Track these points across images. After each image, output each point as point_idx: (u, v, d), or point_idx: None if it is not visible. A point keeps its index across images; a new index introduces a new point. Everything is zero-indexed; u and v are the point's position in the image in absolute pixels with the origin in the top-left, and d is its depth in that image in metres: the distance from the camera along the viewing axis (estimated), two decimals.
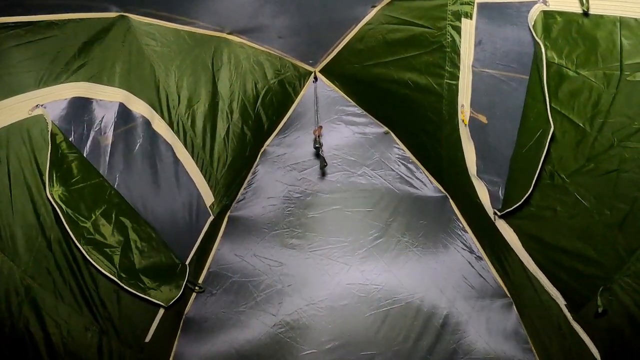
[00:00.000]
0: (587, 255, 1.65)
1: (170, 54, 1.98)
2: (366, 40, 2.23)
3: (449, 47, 1.79)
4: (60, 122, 1.62)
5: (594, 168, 1.42)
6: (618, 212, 1.43)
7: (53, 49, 1.56)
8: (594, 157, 1.40)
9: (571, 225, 1.67)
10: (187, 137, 2.17)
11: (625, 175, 1.33)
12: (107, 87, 1.77)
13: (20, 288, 1.55)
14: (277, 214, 2.92)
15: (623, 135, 1.27)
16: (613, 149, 1.32)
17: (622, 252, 1.49)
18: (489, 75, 1.71)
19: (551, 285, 1.98)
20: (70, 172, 1.58)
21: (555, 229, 1.77)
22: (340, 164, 2.93)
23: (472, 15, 1.60)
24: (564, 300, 1.95)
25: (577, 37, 1.24)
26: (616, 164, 1.34)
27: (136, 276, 1.82)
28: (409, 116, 2.48)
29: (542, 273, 2.01)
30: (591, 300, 1.71)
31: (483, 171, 2.08)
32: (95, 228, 1.65)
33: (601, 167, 1.39)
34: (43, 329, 1.64)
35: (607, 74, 1.21)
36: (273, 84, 2.55)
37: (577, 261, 1.73)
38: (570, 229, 1.68)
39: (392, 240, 2.83)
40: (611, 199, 1.43)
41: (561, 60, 1.32)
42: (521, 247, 2.07)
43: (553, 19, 1.28)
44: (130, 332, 2.02)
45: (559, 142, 1.50)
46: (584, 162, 1.45)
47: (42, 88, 1.54)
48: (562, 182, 1.58)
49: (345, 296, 2.76)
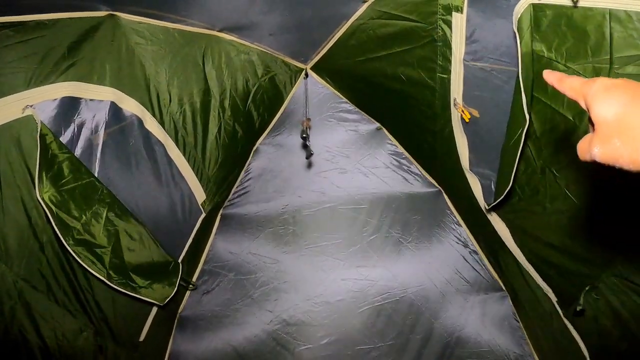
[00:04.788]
0: (575, 252, 1.66)
1: (161, 52, 1.96)
2: (357, 36, 2.23)
3: (441, 41, 1.78)
4: (50, 123, 1.60)
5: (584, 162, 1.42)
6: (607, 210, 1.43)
7: (42, 49, 1.54)
8: None
9: (561, 221, 1.67)
10: (179, 135, 2.16)
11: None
12: (97, 87, 1.75)
13: (13, 291, 1.54)
14: (271, 211, 2.92)
15: None
16: None
17: (609, 251, 1.50)
18: (480, 69, 1.70)
19: (542, 281, 2.00)
20: (61, 172, 1.56)
21: (546, 224, 1.77)
22: (333, 161, 2.93)
23: (462, 9, 1.60)
24: (555, 297, 1.96)
25: (567, 30, 1.24)
26: None
27: (127, 275, 1.81)
28: (402, 111, 2.47)
29: (532, 268, 2.02)
30: (579, 298, 1.72)
31: (476, 165, 2.08)
32: (85, 228, 1.64)
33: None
34: (37, 332, 1.63)
35: (596, 67, 1.21)
36: (264, 82, 2.54)
37: (566, 258, 1.74)
38: (560, 225, 1.69)
39: (385, 236, 2.84)
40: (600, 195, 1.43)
41: (550, 53, 1.31)
42: (513, 242, 2.08)
43: (542, 12, 1.28)
44: (125, 332, 2.02)
45: (550, 136, 1.50)
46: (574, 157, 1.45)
47: (31, 88, 1.52)
48: (553, 177, 1.59)
49: (340, 292, 2.77)
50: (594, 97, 0.57)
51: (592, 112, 0.57)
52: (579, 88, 0.61)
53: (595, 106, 0.57)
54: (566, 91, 0.65)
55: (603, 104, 0.56)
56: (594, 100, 0.57)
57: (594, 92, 0.57)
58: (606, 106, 0.55)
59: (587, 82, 0.60)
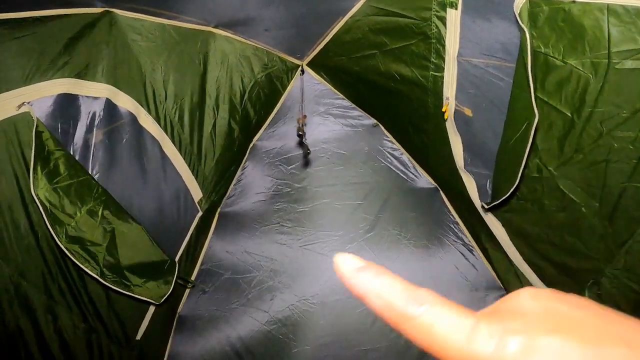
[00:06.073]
0: (576, 249, 1.65)
1: (157, 49, 1.96)
2: (353, 33, 2.22)
3: (434, 38, 1.78)
4: (46, 119, 1.60)
5: (582, 159, 1.41)
6: (607, 204, 1.42)
7: (38, 45, 1.54)
8: (583, 147, 1.39)
9: (559, 219, 1.66)
10: (175, 132, 2.16)
11: (614, 166, 1.33)
12: (93, 83, 1.75)
13: (10, 285, 1.54)
14: (267, 209, 2.91)
15: (612, 125, 1.27)
16: (602, 139, 1.32)
17: (611, 245, 1.49)
18: (474, 67, 1.70)
19: (539, 280, 1.98)
20: (56, 169, 1.56)
21: (544, 223, 1.76)
22: (330, 157, 2.92)
23: (457, 5, 1.59)
24: None
25: (564, 26, 1.23)
26: (605, 154, 1.33)
27: (121, 274, 1.80)
28: (396, 108, 2.47)
29: (529, 268, 2.01)
30: (581, 295, 1.70)
31: (470, 164, 2.08)
32: (80, 226, 1.63)
33: (590, 157, 1.39)
34: (34, 327, 1.63)
35: (594, 63, 1.21)
36: (260, 78, 2.53)
37: (566, 255, 1.72)
38: (559, 223, 1.68)
39: (383, 233, 2.82)
40: (600, 190, 1.42)
41: (547, 49, 1.31)
42: (509, 242, 2.06)
43: (539, 7, 1.27)
44: (120, 330, 2.00)
45: (547, 134, 1.49)
46: (572, 154, 1.44)
47: (28, 85, 1.52)
48: (549, 175, 1.57)
49: (337, 291, 2.74)
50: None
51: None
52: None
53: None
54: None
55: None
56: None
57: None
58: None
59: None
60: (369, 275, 0.35)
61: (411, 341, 0.31)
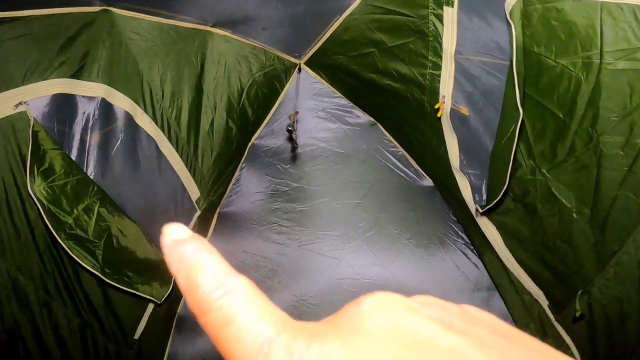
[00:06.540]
0: (568, 256, 1.63)
1: (154, 49, 1.96)
2: (350, 31, 2.22)
3: (432, 35, 1.77)
4: (43, 119, 1.61)
5: (574, 163, 1.40)
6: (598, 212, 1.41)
7: (36, 45, 1.55)
8: (574, 151, 1.38)
9: (552, 224, 1.65)
10: (172, 131, 2.16)
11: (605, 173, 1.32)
12: (89, 83, 1.75)
13: (7, 280, 1.56)
14: (265, 208, 2.90)
15: (602, 129, 1.26)
16: (592, 143, 1.31)
17: (602, 255, 1.48)
18: (471, 65, 1.70)
19: (533, 284, 1.96)
20: (52, 168, 1.57)
21: (537, 227, 1.75)
22: (328, 156, 2.91)
23: (453, 2, 1.59)
24: (546, 301, 1.92)
25: (557, 24, 1.23)
26: (596, 160, 1.32)
27: (120, 271, 1.81)
28: (393, 107, 2.47)
29: (524, 272, 1.99)
30: (573, 301, 1.68)
31: (466, 165, 2.06)
32: (77, 224, 1.64)
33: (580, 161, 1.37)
34: (31, 322, 1.64)
35: (585, 63, 1.20)
36: (258, 78, 2.53)
37: (559, 262, 1.71)
38: (552, 228, 1.66)
39: (382, 233, 2.80)
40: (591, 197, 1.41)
41: (540, 49, 1.30)
42: (503, 245, 2.04)
43: (532, 5, 1.27)
44: (117, 328, 2.01)
45: (540, 135, 1.48)
46: (564, 157, 1.43)
47: (25, 85, 1.53)
48: (543, 178, 1.56)
49: (336, 291, 2.73)
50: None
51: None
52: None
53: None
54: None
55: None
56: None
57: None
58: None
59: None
60: (187, 249, 0.28)
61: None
